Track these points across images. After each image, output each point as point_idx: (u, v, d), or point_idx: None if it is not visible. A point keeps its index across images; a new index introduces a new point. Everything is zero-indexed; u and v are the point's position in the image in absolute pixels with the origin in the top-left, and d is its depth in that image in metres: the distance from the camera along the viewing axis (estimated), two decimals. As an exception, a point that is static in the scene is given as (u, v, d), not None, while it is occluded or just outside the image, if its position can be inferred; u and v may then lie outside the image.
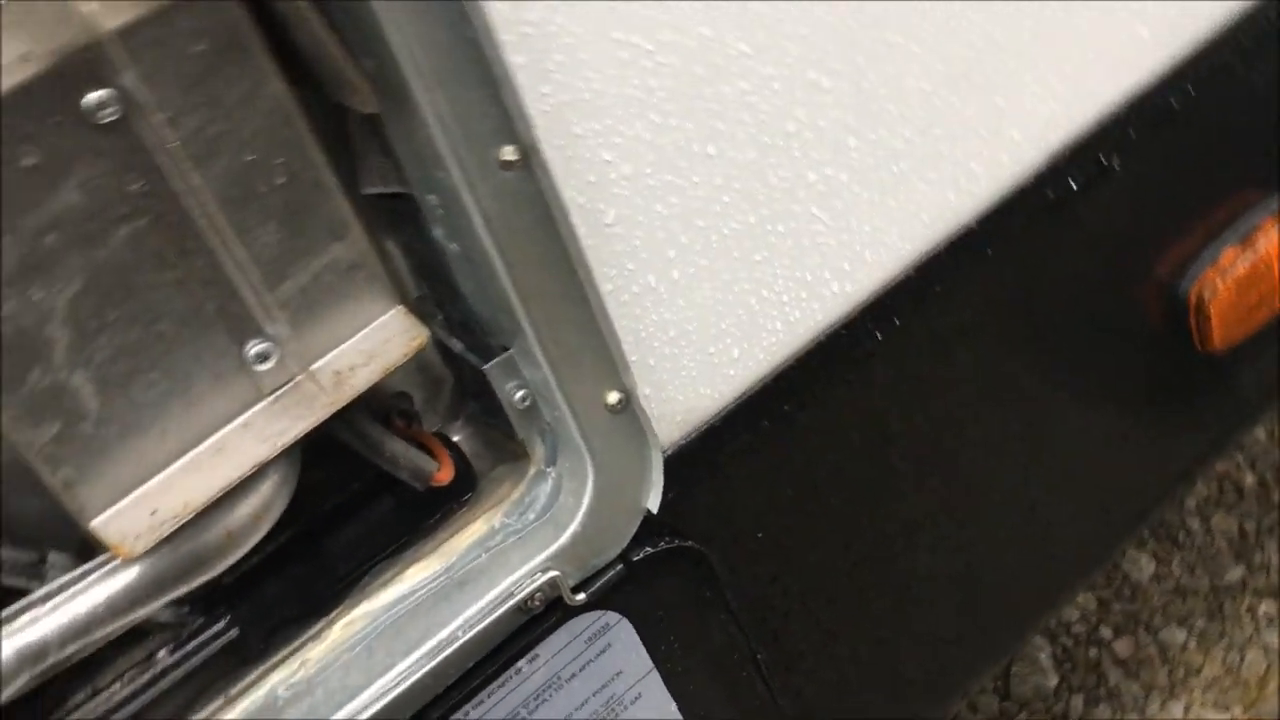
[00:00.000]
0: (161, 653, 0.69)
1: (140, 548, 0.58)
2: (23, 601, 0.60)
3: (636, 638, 0.74)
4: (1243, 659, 1.70)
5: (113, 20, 0.51)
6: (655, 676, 0.76)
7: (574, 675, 0.74)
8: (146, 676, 0.68)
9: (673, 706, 0.77)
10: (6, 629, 0.59)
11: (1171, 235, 0.95)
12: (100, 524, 0.58)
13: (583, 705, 0.74)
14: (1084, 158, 0.86)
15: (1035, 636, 1.78)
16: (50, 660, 0.60)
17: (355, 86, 0.58)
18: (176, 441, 0.60)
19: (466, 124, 0.59)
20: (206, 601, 0.69)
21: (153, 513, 0.59)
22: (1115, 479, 1.03)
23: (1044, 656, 1.76)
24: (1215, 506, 1.88)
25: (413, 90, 0.58)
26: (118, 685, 0.68)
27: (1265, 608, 1.74)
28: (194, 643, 0.69)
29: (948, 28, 0.76)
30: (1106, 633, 1.77)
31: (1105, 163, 0.87)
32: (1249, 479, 1.90)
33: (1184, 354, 0.98)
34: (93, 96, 0.52)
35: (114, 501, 0.59)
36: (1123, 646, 1.75)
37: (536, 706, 0.71)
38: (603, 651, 0.74)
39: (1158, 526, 1.88)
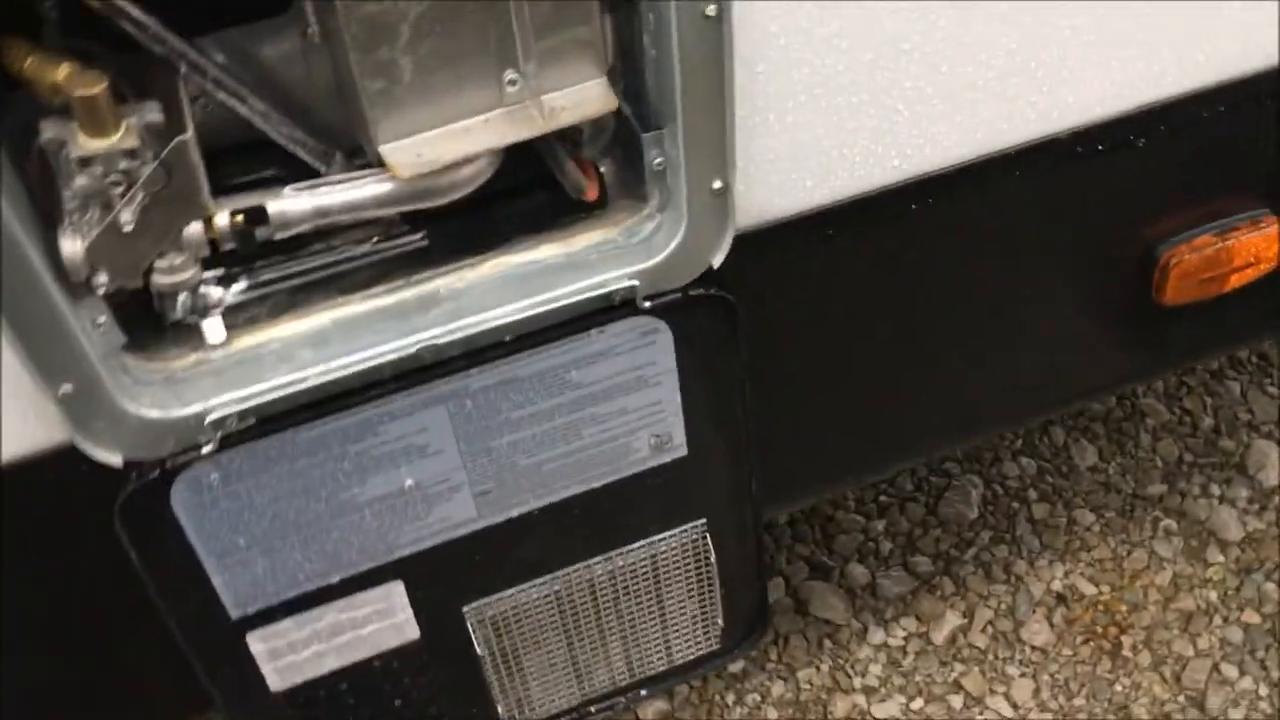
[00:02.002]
0: (375, 239, 1.08)
1: (407, 173, 0.94)
2: (323, 178, 0.97)
3: (671, 343, 1.11)
4: (1129, 554, 2.09)
5: None
6: (674, 372, 1.14)
7: (623, 352, 1.12)
8: (365, 247, 1.06)
9: (677, 395, 1.16)
10: (312, 191, 0.96)
11: (1167, 210, 1.26)
12: (387, 150, 0.95)
13: (622, 372, 1.12)
14: (1117, 131, 1.16)
15: (973, 477, 2.17)
16: (327, 219, 0.98)
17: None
18: (445, 117, 0.96)
19: (690, -20, 0.91)
20: (412, 218, 1.06)
21: (418, 155, 0.95)
22: (1055, 366, 1.38)
23: (975, 493, 2.16)
24: (1168, 432, 2.22)
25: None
26: (341, 248, 1.07)
27: (1166, 523, 2.12)
28: (399, 240, 1.07)
29: None
30: (1033, 495, 2.16)
31: (1132, 140, 1.17)
32: (1207, 421, 2.24)
33: (1141, 299, 1.31)
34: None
35: (398, 139, 0.95)
36: (1040, 510, 2.14)
37: (593, 362, 1.09)
38: (646, 345, 1.12)
39: (1115, 430, 2.23)
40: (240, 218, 0.95)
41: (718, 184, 1.03)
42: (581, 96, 0.98)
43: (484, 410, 1.09)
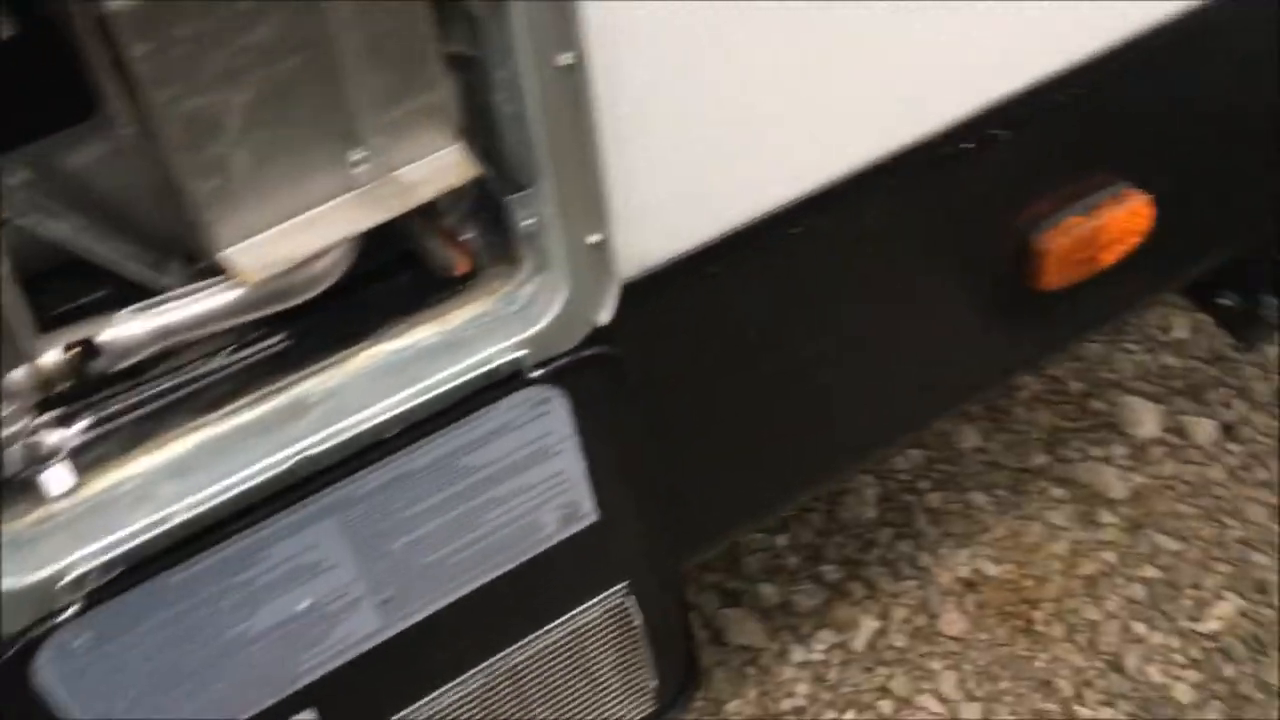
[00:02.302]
0: (229, 349, 0.98)
1: (258, 277, 0.85)
2: (163, 295, 0.87)
3: (567, 410, 1.04)
4: (1026, 528, 2.10)
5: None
6: (574, 439, 1.07)
7: (517, 427, 1.04)
8: (219, 360, 0.96)
9: (581, 462, 1.09)
10: (150, 311, 0.86)
11: (1033, 198, 1.25)
12: (231, 254, 0.85)
13: (519, 448, 1.05)
14: (979, 128, 1.14)
15: (867, 476, 2.16)
16: (171, 340, 0.88)
17: (471, -10, 0.82)
18: (289, 210, 0.87)
19: (539, 32, 0.85)
20: (269, 319, 0.97)
21: (266, 255, 0.86)
22: (948, 367, 1.36)
23: (870, 493, 2.15)
24: (1041, 403, 2.26)
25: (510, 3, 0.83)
26: (192, 366, 0.97)
27: (1055, 492, 2.14)
28: (255, 346, 0.97)
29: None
30: (925, 485, 2.16)
31: (996, 135, 1.15)
32: (1076, 386, 2.28)
33: (1021, 288, 1.30)
34: (296, -32, 0.76)
35: (241, 241, 0.86)
36: (934, 499, 2.14)
37: (487, 443, 1.02)
38: (541, 416, 1.05)
39: (991, 408, 2.25)
40: (74, 352, 0.84)
41: (595, 238, 0.97)
42: (438, 167, 0.91)
43: (376, 514, 1.00)
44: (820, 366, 1.24)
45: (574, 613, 1.19)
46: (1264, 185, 1.42)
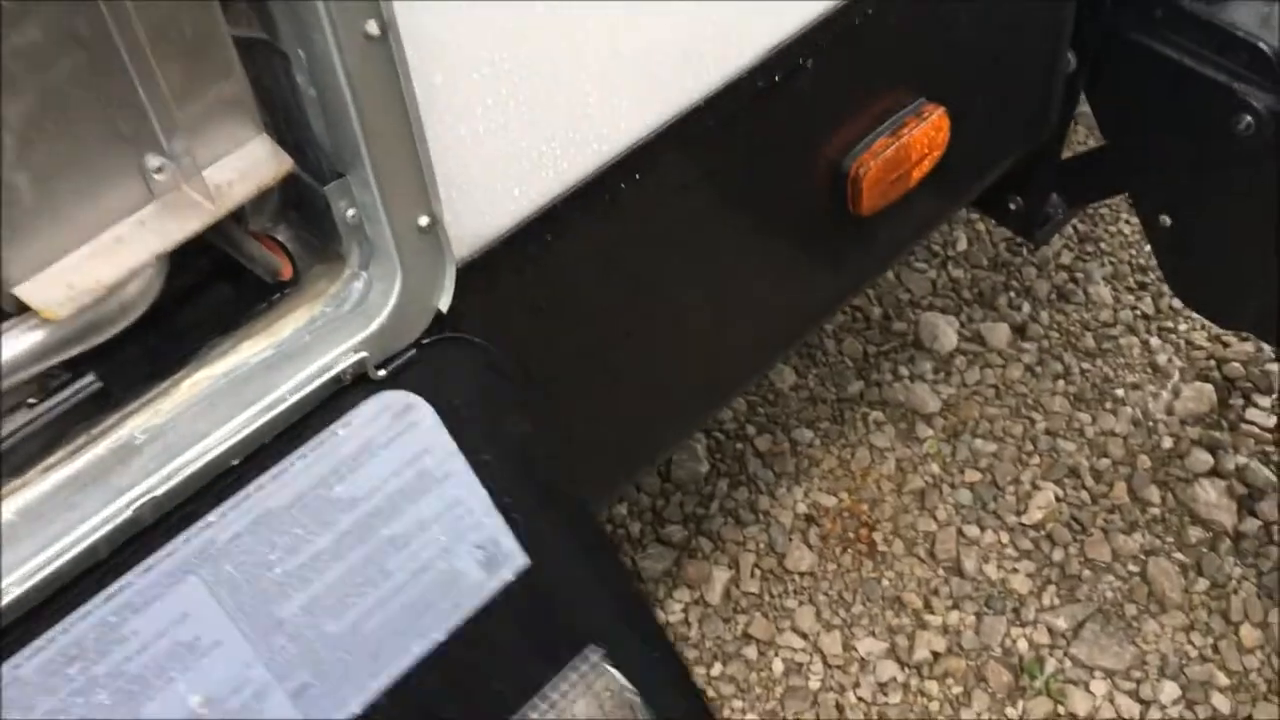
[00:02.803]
0: (31, 399, 0.87)
1: (63, 312, 0.76)
2: (-49, 349, 0.76)
3: (433, 415, 0.96)
4: (853, 455, 2.16)
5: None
6: (456, 454, 0.96)
7: (384, 446, 0.95)
8: (24, 417, 0.86)
9: (476, 482, 0.96)
10: (-60, 370, 0.75)
11: (843, 123, 1.26)
12: (28, 290, 0.75)
13: (396, 474, 0.94)
14: (787, 58, 1.14)
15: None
16: (-28, 397, 0.77)
17: (258, -38, 0.75)
18: (89, 231, 0.77)
19: (344, 1, 0.78)
20: (73, 360, 0.87)
21: (70, 286, 0.76)
22: (781, 306, 1.36)
23: (699, 448, 2.16)
24: (846, 332, 2.31)
25: (304, -30, 0.76)
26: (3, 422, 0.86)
27: (874, 416, 2.20)
28: (64, 392, 0.87)
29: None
30: (751, 430, 2.19)
31: (801, 63, 1.15)
32: (876, 311, 2.35)
33: (841, 216, 1.31)
34: (61, -46, 0.67)
35: (36, 273, 0.76)
36: (762, 442, 2.17)
37: (356, 467, 0.93)
38: (409, 429, 0.95)
39: (801, 345, 2.29)
40: None
41: (424, 220, 0.91)
42: (247, 163, 0.83)
43: (248, 566, 0.89)
44: (668, 316, 1.22)
45: (546, 693, 0.99)
46: (1044, 87, 1.48)
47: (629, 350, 1.19)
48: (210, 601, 0.86)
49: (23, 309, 0.78)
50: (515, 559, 0.99)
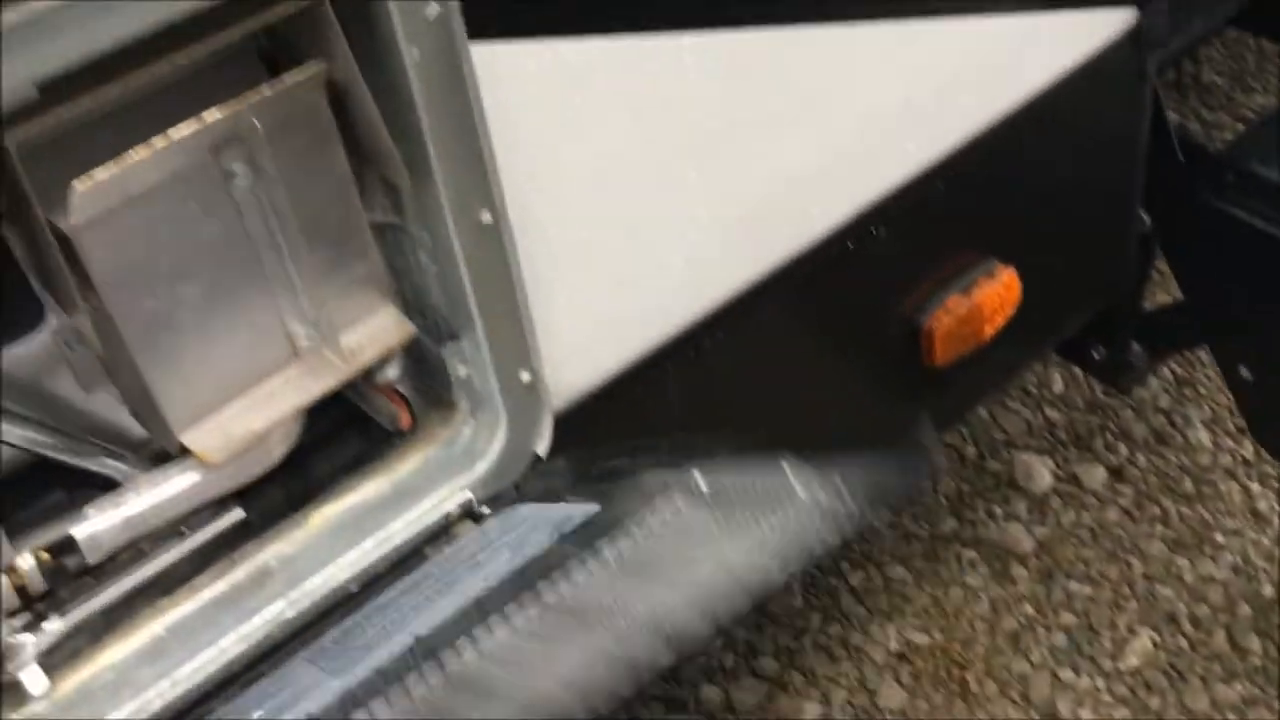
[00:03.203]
0: (184, 529, 1.01)
1: (220, 458, 0.90)
2: (125, 487, 0.91)
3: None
4: (946, 594, 2.20)
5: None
6: None
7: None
8: (178, 544, 1.00)
9: None
10: (116, 504, 0.90)
11: (916, 283, 1.36)
12: (191, 437, 0.90)
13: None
14: (860, 225, 1.26)
15: (789, 565, 2.24)
16: (142, 529, 0.92)
17: (394, 165, 0.90)
18: (243, 386, 0.92)
19: (461, 195, 0.92)
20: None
21: (226, 434, 0.91)
22: (859, 449, 1.45)
23: (793, 581, 2.23)
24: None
25: (433, 169, 0.90)
26: (155, 551, 1.00)
27: (968, 555, 2.25)
28: (212, 523, 1.01)
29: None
30: (845, 566, 2.25)
31: (873, 231, 1.27)
32: (971, 450, 2.41)
33: (916, 366, 1.41)
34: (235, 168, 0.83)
35: (199, 423, 0.90)
36: (856, 578, 2.23)
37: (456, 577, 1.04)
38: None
39: (895, 483, 2.36)
40: (47, 555, 0.87)
41: (527, 376, 1.04)
42: (376, 330, 0.97)
43: None
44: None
45: None
46: (1117, 247, 1.57)
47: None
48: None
49: (184, 451, 0.92)
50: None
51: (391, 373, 1.06)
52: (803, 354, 1.33)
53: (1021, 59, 1.35)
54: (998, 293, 1.41)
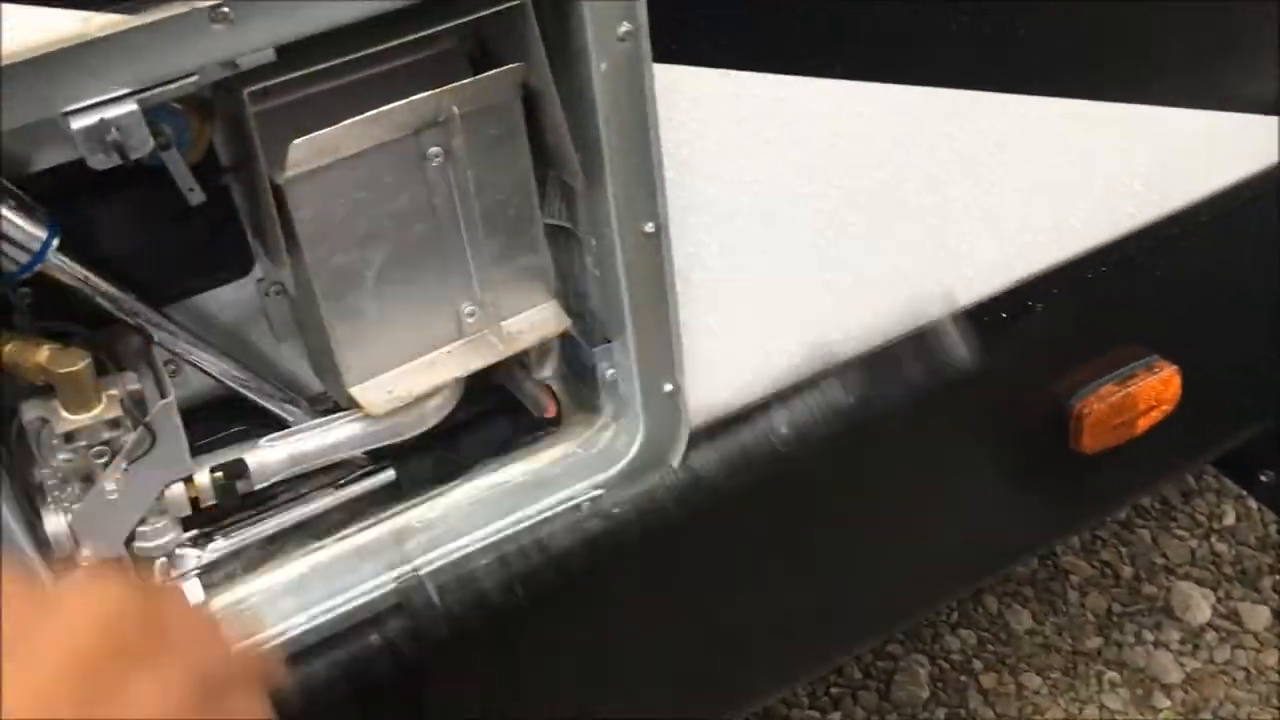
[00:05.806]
0: (340, 481, 1.12)
1: (380, 410, 1.00)
2: (296, 427, 1.02)
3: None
4: (1081, 711, 2.15)
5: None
6: None
7: None
8: (333, 494, 1.10)
9: None
10: (286, 440, 1.01)
11: (1070, 365, 1.39)
12: (358, 390, 1.01)
13: None
14: (1017, 299, 1.29)
15: (919, 655, 2.22)
16: (303, 466, 1.03)
17: (571, 167, 1.00)
18: (410, 353, 1.02)
19: (629, 204, 1.01)
20: (378, 454, 1.11)
21: (389, 391, 1.01)
22: (991, 529, 1.47)
23: (923, 673, 2.21)
24: (1093, 586, 2.33)
25: (606, 176, 1.00)
26: (309, 496, 1.10)
27: (1110, 675, 2.19)
28: (367, 479, 1.11)
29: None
30: (978, 665, 2.22)
31: (1030, 305, 1.30)
32: (1127, 570, 2.36)
33: (1061, 451, 1.42)
34: (431, 149, 0.94)
35: (367, 379, 1.01)
36: (988, 680, 2.20)
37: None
38: None
39: (1043, 591, 2.33)
40: (220, 474, 0.98)
41: (669, 387, 1.12)
42: (536, 320, 1.06)
43: None
44: (869, 523, 1.36)
45: None
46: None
47: (822, 549, 1.33)
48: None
49: (350, 404, 1.03)
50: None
51: (547, 369, 1.16)
52: (945, 421, 1.36)
53: (1210, 156, 1.37)
54: (1155, 388, 1.41)
